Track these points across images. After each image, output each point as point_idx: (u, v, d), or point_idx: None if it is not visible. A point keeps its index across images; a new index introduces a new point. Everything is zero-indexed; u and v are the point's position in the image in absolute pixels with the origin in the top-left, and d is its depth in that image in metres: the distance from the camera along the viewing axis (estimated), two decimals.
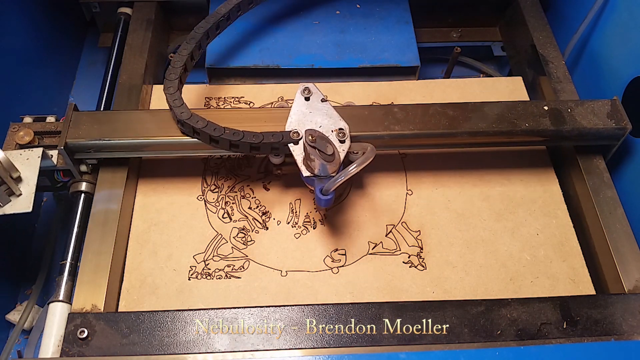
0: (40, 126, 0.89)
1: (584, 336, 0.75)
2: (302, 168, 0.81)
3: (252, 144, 0.81)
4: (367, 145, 0.80)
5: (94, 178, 0.90)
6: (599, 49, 1.05)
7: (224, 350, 0.73)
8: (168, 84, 0.87)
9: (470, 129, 0.87)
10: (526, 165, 0.97)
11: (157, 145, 0.88)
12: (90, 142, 0.85)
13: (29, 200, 0.80)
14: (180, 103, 0.84)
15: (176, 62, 0.89)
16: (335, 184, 0.76)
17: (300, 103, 0.86)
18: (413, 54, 1.09)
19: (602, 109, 0.91)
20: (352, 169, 0.75)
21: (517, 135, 0.89)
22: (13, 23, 1.04)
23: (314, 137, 0.80)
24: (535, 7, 1.15)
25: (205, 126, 0.81)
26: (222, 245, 0.88)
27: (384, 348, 0.73)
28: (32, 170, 0.82)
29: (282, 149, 0.83)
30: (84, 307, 0.77)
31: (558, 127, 0.89)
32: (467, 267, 0.87)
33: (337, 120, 0.85)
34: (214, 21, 0.95)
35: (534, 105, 0.91)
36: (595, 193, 0.89)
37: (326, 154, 0.79)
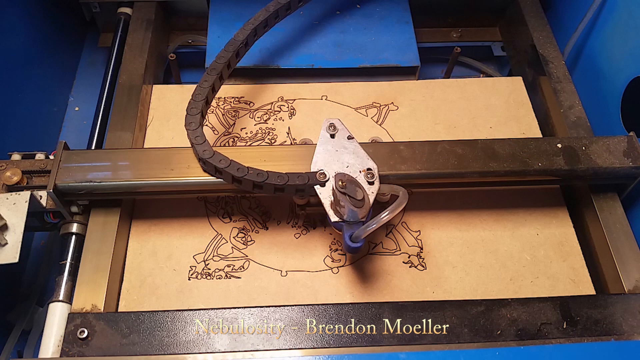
0: (29, 164, 0.83)
1: (584, 336, 0.75)
2: (330, 212, 0.76)
3: (277, 185, 0.77)
4: (398, 188, 0.75)
5: (86, 219, 0.86)
6: (598, 48, 1.05)
7: (224, 350, 0.73)
8: (189, 119, 0.82)
9: (481, 169, 0.83)
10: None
11: (150, 186, 0.83)
12: (81, 184, 0.81)
13: (15, 250, 0.74)
14: (202, 140, 0.80)
15: (197, 96, 0.85)
16: (366, 232, 0.72)
17: (326, 140, 0.81)
18: (413, 54, 1.09)
19: (618, 147, 0.86)
20: (384, 217, 0.71)
21: (530, 175, 0.85)
22: (13, 23, 1.04)
23: (343, 182, 0.75)
24: (535, 7, 1.15)
25: (228, 166, 0.77)
26: (222, 245, 0.88)
27: (384, 348, 0.73)
28: (19, 217, 0.76)
29: (308, 190, 0.78)
30: (84, 307, 0.77)
31: (572, 166, 0.84)
32: (467, 267, 0.87)
33: (365, 160, 0.80)
34: (234, 49, 0.91)
35: (547, 142, 0.87)
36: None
37: (356, 200, 0.74)
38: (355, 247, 0.74)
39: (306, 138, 0.94)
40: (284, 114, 1.03)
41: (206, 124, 1.01)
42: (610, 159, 0.86)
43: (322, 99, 1.05)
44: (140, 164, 0.84)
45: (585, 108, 0.99)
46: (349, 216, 0.75)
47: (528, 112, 1.04)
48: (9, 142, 0.99)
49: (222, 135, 1.00)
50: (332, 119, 0.83)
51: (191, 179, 0.82)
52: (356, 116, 1.03)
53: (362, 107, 1.04)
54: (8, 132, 1.00)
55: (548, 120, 1.02)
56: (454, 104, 1.04)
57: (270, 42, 1.10)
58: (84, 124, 1.20)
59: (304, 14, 1.14)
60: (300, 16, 1.13)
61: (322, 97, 1.05)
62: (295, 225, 0.90)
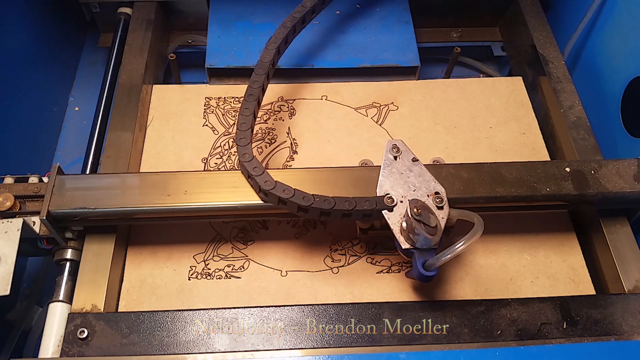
0: (22, 188, 0.80)
1: (584, 336, 0.75)
2: (400, 239, 0.73)
3: (345, 211, 0.75)
4: (471, 214, 0.73)
5: (80, 245, 0.84)
6: (598, 48, 1.05)
7: (224, 350, 0.73)
8: (242, 150, 0.79)
9: (487, 194, 0.81)
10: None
11: (146, 212, 0.81)
12: (75, 211, 0.78)
13: (6, 282, 0.71)
14: (261, 171, 0.77)
15: (243, 125, 0.82)
16: (440, 261, 0.70)
17: (390, 163, 0.79)
18: (413, 54, 1.09)
19: (628, 170, 0.84)
20: (459, 248, 0.68)
21: (538, 200, 0.82)
22: (13, 23, 1.04)
23: (418, 209, 0.72)
24: (535, 7, 1.15)
25: (293, 196, 0.74)
26: (222, 245, 0.88)
27: (384, 348, 0.73)
28: (10, 246, 0.73)
29: (375, 215, 0.76)
30: (84, 307, 0.77)
31: (581, 191, 0.82)
32: (467, 267, 0.87)
33: (432, 183, 0.77)
34: (264, 72, 0.88)
35: (555, 166, 0.84)
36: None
37: (430, 227, 0.72)
38: (429, 275, 0.71)
39: (366, 159, 0.92)
40: (284, 114, 1.03)
41: (206, 124, 1.01)
42: (621, 184, 0.83)
43: (322, 99, 1.05)
44: (136, 189, 0.81)
45: (585, 108, 0.99)
46: (421, 243, 0.72)
47: (528, 112, 1.04)
48: (9, 143, 0.99)
49: (222, 135, 1.00)
50: (395, 140, 0.81)
51: (188, 205, 0.80)
52: (356, 116, 1.03)
53: (362, 107, 1.04)
54: (8, 132, 1.00)
55: (548, 120, 1.02)
56: (454, 104, 1.04)
57: None
58: (84, 124, 1.20)
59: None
60: None
61: (322, 97, 1.05)
62: (295, 225, 0.90)
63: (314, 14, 1.00)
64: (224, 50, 1.08)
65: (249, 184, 0.80)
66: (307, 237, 0.89)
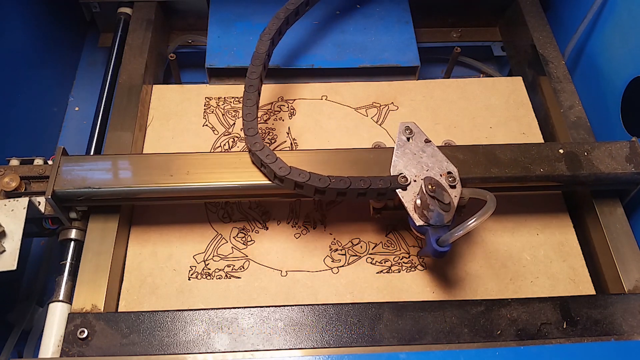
0: (27, 170, 0.82)
1: (584, 336, 0.75)
2: (414, 217, 0.76)
3: (360, 190, 0.77)
4: (483, 192, 0.75)
5: (84, 225, 0.85)
6: (598, 49, 1.05)
7: (224, 350, 0.73)
8: (252, 140, 0.81)
9: (482, 175, 0.83)
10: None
11: (149, 192, 0.82)
12: (79, 191, 0.80)
13: (13, 257, 0.73)
14: (274, 158, 0.78)
15: (248, 115, 0.84)
16: (453, 237, 0.72)
17: (403, 144, 0.81)
18: (413, 54, 1.09)
19: (620, 152, 0.86)
20: (471, 224, 0.70)
21: (532, 181, 0.84)
22: (13, 23, 1.04)
23: (433, 186, 0.75)
24: (535, 7, 1.15)
25: (309, 179, 0.76)
26: (222, 245, 0.88)
27: (384, 348, 0.73)
28: (17, 224, 0.75)
29: (389, 194, 0.78)
30: (84, 307, 0.77)
31: (574, 172, 0.84)
32: (467, 267, 0.87)
33: (444, 163, 0.80)
34: (261, 63, 0.89)
35: (549, 148, 0.86)
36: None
37: (444, 204, 0.75)
38: (442, 251, 0.73)
39: (378, 142, 0.93)
40: (284, 114, 1.03)
41: (206, 124, 1.01)
42: (613, 165, 0.85)
43: (322, 99, 1.05)
44: (140, 169, 0.83)
45: (585, 108, 0.99)
46: (435, 220, 0.75)
47: (528, 112, 1.04)
48: (9, 143, 0.99)
49: (222, 135, 1.00)
50: (408, 122, 0.82)
51: (191, 185, 0.82)
52: (356, 116, 1.03)
53: (362, 107, 1.04)
54: (7, 132, 1.00)
55: (548, 120, 1.02)
56: (454, 104, 1.04)
57: None
58: (84, 124, 1.20)
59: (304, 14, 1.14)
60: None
61: (322, 97, 1.05)
62: (295, 225, 0.90)
63: (307, 7, 1.00)
64: (224, 50, 1.08)
65: (262, 172, 0.81)
66: (307, 237, 0.89)
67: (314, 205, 0.92)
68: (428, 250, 0.76)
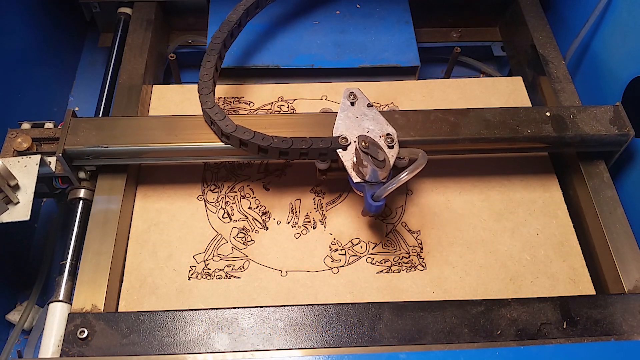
0: (38, 132, 0.88)
1: (584, 336, 0.75)
2: (352, 174, 0.80)
3: (302, 150, 0.81)
4: (417, 150, 0.79)
5: (93, 185, 0.89)
6: (599, 50, 1.05)
7: (224, 350, 0.73)
8: (204, 98, 0.85)
9: (472, 136, 0.87)
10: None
11: (156, 151, 0.87)
12: (89, 149, 0.85)
13: (27, 208, 0.79)
14: (222, 116, 0.83)
15: (204, 76, 0.88)
16: (386, 191, 0.76)
17: (346, 108, 0.85)
18: (413, 54, 1.09)
19: (605, 115, 0.90)
20: (403, 177, 0.74)
21: (519, 142, 0.88)
22: (13, 23, 1.04)
23: (366, 142, 0.80)
24: (535, 7, 1.15)
25: (253, 137, 0.80)
26: (222, 245, 0.88)
27: (384, 348, 0.73)
28: (29, 178, 0.81)
29: (330, 154, 0.83)
30: (84, 307, 0.77)
31: (560, 133, 0.88)
32: (467, 267, 0.87)
33: (385, 126, 0.84)
34: (228, 29, 0.93)
35: (536, 111, 0.90)
36: (595, 192, 0.89)
37: (378, 160, 0.80)
38: (377, 205, 0.77)
39: (326, 107, 0.96)
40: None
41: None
42: (597, 127, 0.89)
43: (322, 99, 1.05)
44: (146, 130, 0.87)
45: None
46: (370, 177, 0.79)
47: None
48: None
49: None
50: (352, 88, 0.87)
51: (194, 145, 0.86)
52: None
53: None
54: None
55: None
56: (454, 104, 1.04)
57: (270, 42, 1.10)
58: None
59: (304, 14, 1.14)
60: (300, 16, 1.13)
61: (322, 97, 1.05)
62: (295, 225, 0.90)
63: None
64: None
65: (212, 130, 0.85)
66: (307, 237, 0.89)
67: (313, 205, 0.92)
68: (366, 207, 0.80)
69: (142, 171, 0.95)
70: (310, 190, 0.94)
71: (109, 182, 0.89)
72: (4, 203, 0.78)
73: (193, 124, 0.87)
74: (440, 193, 0.94)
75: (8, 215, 0.79)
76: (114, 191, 0.88)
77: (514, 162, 0.97)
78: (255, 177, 0.95)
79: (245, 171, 0.96)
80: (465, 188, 0.94)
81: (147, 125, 0.88)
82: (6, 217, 0.78)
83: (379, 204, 0.77)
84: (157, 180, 0.94)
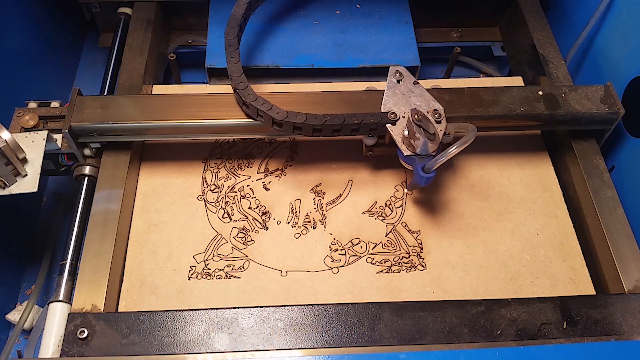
0: (44, 111, 0.90)
1: (584, 336, 0.75)
2: (402, 147, 0.83)
3: (354, 125, 0.84)
4: (466, 125, 0.83)
5: (98, 162, 0.92)
6: (600, 50, 1.05)
7: (224, 350, 0.73)
8: (238, 82, 0.87)
9: (467, 113, 0.89)
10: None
11: (159, 129, 0.89)
12: (94, 126, 0.87)
13: (35, 180, 0.82)
14: (269, 106, 0.84)
15: (235, 72, 0.90)
16: (437, 163, 0.79)
17: (393, 85, 0.89)
18: (413, 54, 1.09)
19: (596, 94, 0.92)
20: (452, 150, 0.77)
21: (512, 119, 0.91)
22: (13, 23, 1.04)
23: (419, 116, 0.83)
24: (535, 7, 1.15)
25: (306, 120, 0.83)
26: (222, 245, 0.88)
27: (384, 348, 0.73)
28: (37, 152, 0.84)
29: (380, 129, 0.86)
30: (84, 307, 0.77)
31: (552, 111, 0.90)
32: (467, 267, 0.87)
33: (431, 102, 0.87)
34: (236, 24, 0.95)
35: (529, 90, 0.93)
36: (595, 192, 0.89)
37: (429, 133, 0.82)
38: (428, 177, 0.80)
39: (372, 85, 0.99)
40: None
41: None
42: (588, 105, 0.91)
43: None
44: (151, 107, 0.90)
45: None
46: (421, 149, 0.82)
47: None
48: None
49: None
50: (398, 66, 0.90)
51: (197, 122, 0.88)
52: None
53: None
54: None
55: None
56: None
57: (270, 42, 1.10)
58: None
59: (304, 14, 1.14)
60: (300, 16, 1.13)
61: None
62: (295, 225, 0.90)
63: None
64: (224, 51, 1.08)
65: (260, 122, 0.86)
66: (307, 237, 0.89)
67: (313, 205, 0.92)
68: (415, 180, 0.83)
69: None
70: (310, 190, 0.94)
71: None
72: (12, 175, 0.81)
73: (196, 102, 0.90)
74: (440, 193, 0.94)
75: (17, 187, 0.82)
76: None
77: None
78: (255, 177, 0.95)
79: (245, 171, 0.96)
80: (465, 188, 0.94)
81: (152, 103, 0.91)
82: (15, 189, 0.82)
83: (430, 175, 0.80)
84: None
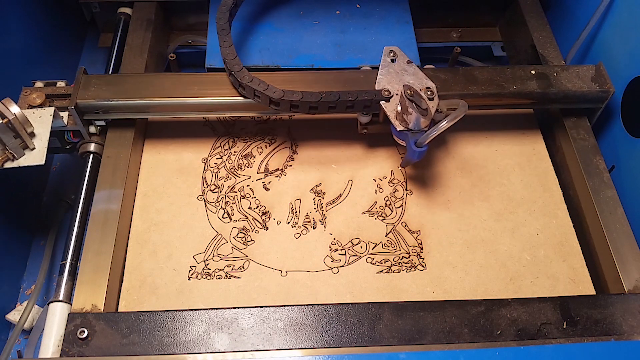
0: (51, 90, 0.92)
1: (584, 336, 0.75)
2: (395, 123, 0.85)
3: (348, 102, 0.86)
4: (457, 101, 0.85)
5: (103, 139, 0.93)
6: (600, 50, 1.05)
7: (224, 350, 0.73)
8: (232, 64, 0.88)
9: (461, 91, 0.91)
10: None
11: (163, 106, 0.92)
12: (100, 103, 0.89)
13: (42, 154, 0.84)
14: (266, 86, 0.86)
15: (223, 31, 0.92)
16: (429, 137, 0.81)
17: (387, 64, 0.91)
18: (413, 54, 1.09)
19: (587, 74, 0.95)
20: (443, 124, 0.79)
21: (505, 98, 0.93)
22: (13, 23, 1.04)
23: (411, 91, 0.84)
24: (535, 7, 1.15)
25: (302, 98, 0.85)
26: (222, 245, 0.88)
27: (384, 348, 0.73)
28: (44, 127, 0.86)
29: (374, 106, 0.88)
30: (84, 307, 0.77)
31: (544, 89, 0.93)
32: (467, 267, 0.87)
33: (424, 80, 0.89)
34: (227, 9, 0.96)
35: (522, 69, 0.95)
36: (595, 192, 0.89)
37: (421, 108, 0.84)
38: (420, 151, 0.83)
39: (365, 65, 1.02)
40: (284, 114, 1.03)
41: (206, 124, 1.02)
42: (580, 84, 0.94)
43: None
44: (155, 86, 0.92)
45: None
46: (414, 124, 0.84)
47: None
48: None
49: (222, 135, 1.00)
50: (392, 47, 0.93)
51: (200, 100, 0.91)
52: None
53: None
54: None
55: None
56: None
57: (270, 42, 1.10)
58: None
59: (304, 14, 1.14)
60: (300, 16, 1.13)
61: None
62: (295, 225, 0.90)
63: None
64: None
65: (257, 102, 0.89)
66: (307, 237, 0.89)
67: (313, 205, 0.92)
68: (408, 155, 0.85)
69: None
70: (310, 190, 0.94)
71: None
72: (21, 148, 0.84)
73: (199, 81, 0.92)
74: (440, 193, 0.94)
75: (25, 159, 0.84)
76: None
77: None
78: (255, 177, 0.96)
79: (245, 171, 0.96)
80: (465, 188, 0.94)
81: (155, 81, 0.93)
82: (23, 161, 0.84)
83: (422, 149, 0.82)
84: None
